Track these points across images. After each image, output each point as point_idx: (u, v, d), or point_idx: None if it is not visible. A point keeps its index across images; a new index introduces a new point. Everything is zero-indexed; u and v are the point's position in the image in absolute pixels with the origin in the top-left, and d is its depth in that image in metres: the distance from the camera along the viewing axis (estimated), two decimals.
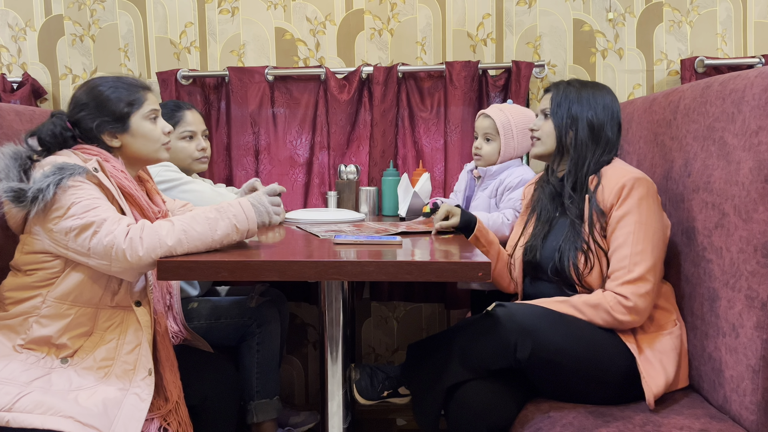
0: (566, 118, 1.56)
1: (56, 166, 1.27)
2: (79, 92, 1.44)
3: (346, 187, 2.21)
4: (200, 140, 1.96)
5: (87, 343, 1.33)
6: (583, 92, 1.57)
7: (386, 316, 2.40)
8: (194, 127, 1.94)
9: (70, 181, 1.26)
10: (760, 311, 1.24)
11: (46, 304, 1.31)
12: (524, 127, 1.91)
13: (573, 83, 1.60)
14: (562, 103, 1.57)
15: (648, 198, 1.45)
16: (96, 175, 1.31)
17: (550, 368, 1.37)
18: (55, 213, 1.26)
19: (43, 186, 1.24)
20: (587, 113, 1.55)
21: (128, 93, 1.43)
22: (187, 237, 1.27)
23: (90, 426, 1.19)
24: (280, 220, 1.41)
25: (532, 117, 1.91)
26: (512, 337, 1.35)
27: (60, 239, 1.27)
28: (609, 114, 1.56)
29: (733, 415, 1.32)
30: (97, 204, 1.28)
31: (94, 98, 1.41)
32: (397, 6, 2.27)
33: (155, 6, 2.30)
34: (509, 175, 1.92)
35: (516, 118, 1.93)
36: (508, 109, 1.95)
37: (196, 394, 1.48)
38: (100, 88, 1.42)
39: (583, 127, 1.55)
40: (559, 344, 1.36)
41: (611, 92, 1.61)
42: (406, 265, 1.22)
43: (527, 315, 1.39)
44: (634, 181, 1.45)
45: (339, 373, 1.53)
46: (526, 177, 1.90)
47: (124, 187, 1.37)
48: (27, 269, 1.33)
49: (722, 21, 2.21)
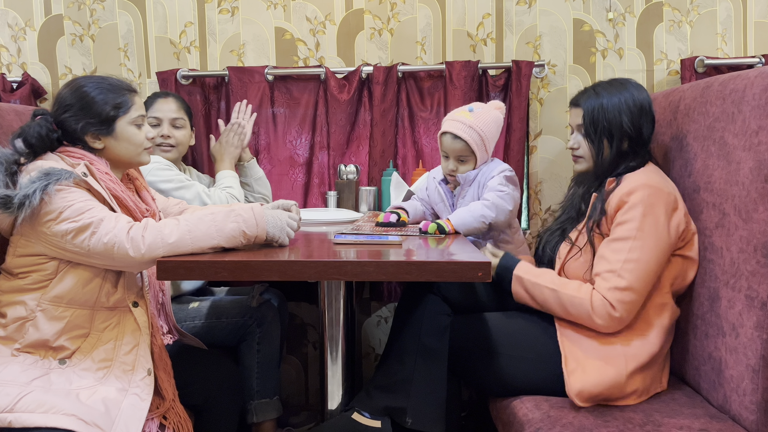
0: (603, 134, 1.53)
1: (42, 171, 1.26)
2: (64, 92, 1.41)
3: (346, 187, 2.21)
4: (164, 127, 1.99)
5: (84, 345, 1.33)
6: (612, 98, 1.52)
7: (386, 316, 2.40)
8: (160, 114, 1.99)
9: (57, 186, 1.25)
10: (760, 311, 1.24)
11: (41, 307, 1.30)
12: (494, 133, 1.80)
13: (600, 92, 1.55)
14: (596, 118, 1.53)
15: (657, 209, 1.41)
16: (86, 179, 1.30)
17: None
18: (47, 218, 1.26)
19: (29, 192, 1.23)
20: (622, 120, 1.50)
21: (114, 95, 1.40)
22: (192, 237, 1.27)
23: (93, 425, 1.19)
24: (287, 243, 1.39)
25: (497, 117, 1.80)
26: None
27: (56, 242, 1.27)
28: (640, 112, 1.52)
29: (733, 415, 1.32)
30: (90, 206, 1.28)
31: (79, 99, 1.38)
32: (397, 6, 2.27)
33: (155, 6, 2.30)
34: (486, 172, 1.80)
35: (485, 130, 1.77)
36: (476, 124, 1.76)
37: (198, 394, 1.48)
38: (85, 89, 1.39)
39: (620, 138, 1.52)
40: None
41: (636, 85, 1.56)
42: (406, 265, 1.22)
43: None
44: (646, 189, 1.41)
45: (339, 373, 1.53)
46: (501, 167, 1.80)
47: (111, 190, 1.36)
48: (19, 272, 1.33)
49: (722, 21, 2.21)
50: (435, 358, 1.50)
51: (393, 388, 1.49)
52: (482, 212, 1.71)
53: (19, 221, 1.27)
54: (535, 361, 1.48)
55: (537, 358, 1.48)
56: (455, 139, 1.76)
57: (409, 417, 1.45)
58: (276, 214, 1.37)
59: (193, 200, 1.85)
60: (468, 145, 1.75)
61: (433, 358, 1.50)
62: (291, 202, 1.54)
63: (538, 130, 2.26)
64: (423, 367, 1.49)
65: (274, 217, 1.36)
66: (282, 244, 1.37)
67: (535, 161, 2.27)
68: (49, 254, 1.30)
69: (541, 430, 1.32)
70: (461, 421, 2.07)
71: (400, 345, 1.54)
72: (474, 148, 1.76)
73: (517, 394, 1.49)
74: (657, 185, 1.42)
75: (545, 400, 1.43)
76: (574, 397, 1.37)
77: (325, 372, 1.54)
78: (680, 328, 1.54)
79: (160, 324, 1.53)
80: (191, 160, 2.29)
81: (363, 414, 1.47)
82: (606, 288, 1.40)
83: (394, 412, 1.47)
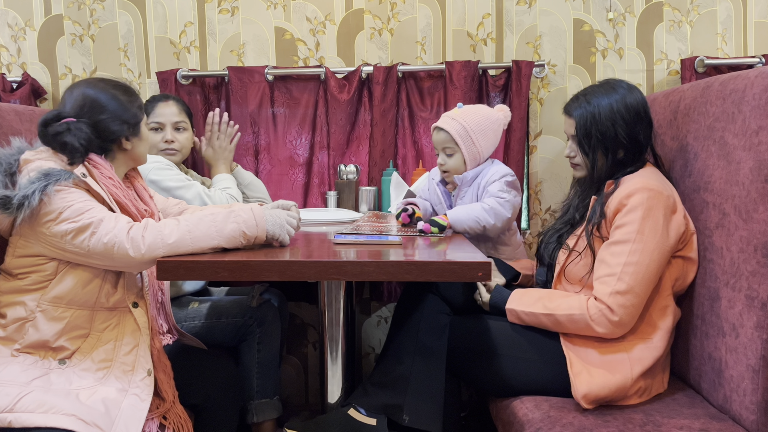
0: (597, 147, 1.51)
1: (42, 172, 1.26)
2: (92, 93, 1.38)
3: (346, 186, 2.21)
4: (167, 132, 2.00)
5: (84, 345, 1.33)
6: (603, 107, 1.49)
7: (386, 316, 2.40)
8: (162, 119, 2.00)
9: (56, 187, 1.25)
10: (760, 311, 1.24)
11: (41, 308, 1.30)
12: (483, 128, 1.79)
13: (591, 100, 1.51)
14: (588, 131, 1.50)
15: (656, 211, 1.39)
16: (85, 180, 1.30)
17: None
18: (46, 218, 1.26)
19: (28, 193, 1.23)
20: (617, 131, 1.48)
21: (134, 97, 1.45)
22: (192, 237, 1.27)
23: (93, 425, 1.19)
24: (288, 242, 1.39)
25: (489, 113, 1.81)
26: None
27: (55, 242, 1.27)
28: (635, 118, 1.49)
29: (733, 415, 1.32)
30: (90, 206, 1.28)
31: (112, 99, 1.39)
32: (397, 6, 2.26)
33: (155, 6, 2.30)
34: (486, 174, 1.81)
35: (471, 123, 1.78)
36: (460, 116, 1.80)
37: (198, 393, 1.48)
38: (114, 91, 1.41)
39: (615, 149, 1.50)
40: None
41: (629, 87, 1.52)
42: (406, 265, 1.22)
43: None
44: (645, 192, 1.40)
45: (339, 373, 1.53)
46: (503, 171, 1.80)
47: (113, 195, 1.36)
48: (19, 273, 1.33)
49: (722, 21, 2.21)
50: (433, 357, 1.50)
51: (390, 386, 1.49)
52: (479, 215, 1.72)
53: (18, 222, 1.27)
54: (535, 362, 1.48)
55: (537, 359, 1.48)
56: (439, 131, 1.81)
57: (406, 414, 1.45)
58: (275, 212, 1.38)
59: (194, 200, 1.85)
60: (451, 137, 1.78)
61: (432, 356, 1.50)
62: (290, 202, 1.54)
63: (538, 130, 2.27)
64: (421, 366, 1.49)
65: (273, 215, 1.36)
66: (282, 243, 1.37)
67: (535, 161, 2.27)
68: (49, 255, 1.30)
69: (541, 430, 1.32)
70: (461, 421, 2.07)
71: (398, 343, 1.54)
72: (457, 140, 1.78)
73: (517, 394, 1.49)
74: (656, 188, 1.41)
75: (545, 401, 1.43)
76: (581, 399, 1.36)
77: (325, 372, 1.54)
78: (680, 329, 1.54)
79: (160, 323, 1.53)
80: (191, 162, 2.29)
81: (359, 410, 1.47)
82: (607, 293, 1.39)
83: (390, 409, 1.47)
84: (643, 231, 1.38)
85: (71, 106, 1.37)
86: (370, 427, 1.45)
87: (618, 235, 1.41)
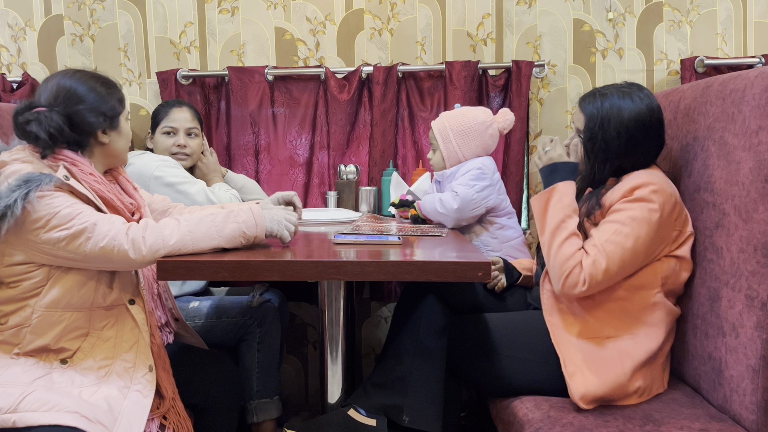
0: (599, 152, 1.50)
1: (21, 179, 1.21)
2: (69, 83, 1.34)
3: (346, 186, 2.21)
4: (179, 137, 2.02)
5: (85, 344, 1.32)
6: (615, 112, 1.47)
7: (386, 316, 2.40)
8: (176, 124, 2.02)
9: (39, 193, 1.21)
10: (760, 311, 1.24)
11: (37, 314, 1.27)
12: (463, 129, 1.87)
13: (606, 103, 1.49)
14: (595, 134, 1.49)
15: (655, 205, 1.39)
16: (68, 183, 1.25)
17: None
18: (33, 226, 1.22)
19: (10, 202, 1.18)
20: (621, 143, 1.46)
21: (114, 89, 1.39)
22: (192, 238, 1.27)
23: (97, 422, 1.18)
24: (290, 239, 1.39)
25: (475, 115, 1.87)
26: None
27: (47, 249, 1.23)
28: (643, 134, 1.47)
29: (733, 415, 1.32)
30: (78, 210, 1.24)
31: (90, 90, 1.34)
32: (397, 6, 2.27)
33: (155, 6, 2.30)
34: (461, 171, 1.86)
35: (452, 123, 1.88)
36: (448, 115, 1.91)
37: (198, 393, 1.48)
38: (93, 81, 1.36)
39: (615, 159, 1.49)
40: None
41: (650, 106, 1.47)
42: (406, 265, 1.22)
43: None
44: (650, 185, 1.40)
45: (339, 373, 1.53)
46: (475, 164, 1.84)
47: (97, 191, 1.32)
48: (10, 282, 1.29)
49: (722, 21, 2.21)
50: (433, 357, 1.50)
51: (390, 386, 1.49)
52: (441, 197, 1.82)
53: (2, 231, 1.21)
54: (534, 362, 1.48)
55: (537, 359, 1.48)
56: (431, 129, 1.96)
57: (406, 415, 1.45)
58: (273, 210, 1.39)
59: (197, 195, 1.86)
60: (433, 134, 1.93)
61: (431, 357, 1.50)
62: (291, 193, 1.54)
63: (538, 130, 2.27)
64: (421, 366, 1.49)
65: (271, 213, 1.37)
66: (283, 239, 1.37)
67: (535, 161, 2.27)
68: (38, 261, 1.26)
69: (541, 430, 1.32)
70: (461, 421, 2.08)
71: (398, 344, 1.55)
72: (437, 136, 1.91)
73: (517, 394, 1.49)
74: (660, 184, 1.41)
75: (545, 400, 1.43)
76: (579, 401, 1.37)
77: (325, 372, 1.54)
78: (680, 328, 1.54)
79: (158, 315, 1.51)
80: None
81: (359, 411, 1.47)
82: (586, 263, 1.39)
83: (390, 409, 1.47)
84: (636, 218, 1.39)
85: (45, 96, 1.32)
86: (370, 427, 1.45)
87: (612, 216, 1.42)
